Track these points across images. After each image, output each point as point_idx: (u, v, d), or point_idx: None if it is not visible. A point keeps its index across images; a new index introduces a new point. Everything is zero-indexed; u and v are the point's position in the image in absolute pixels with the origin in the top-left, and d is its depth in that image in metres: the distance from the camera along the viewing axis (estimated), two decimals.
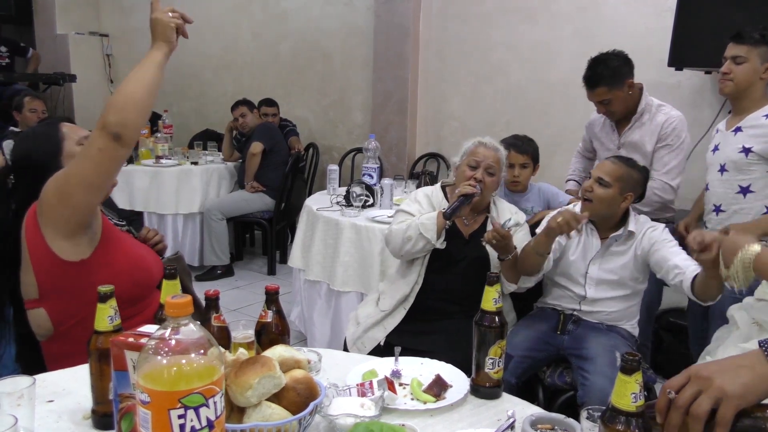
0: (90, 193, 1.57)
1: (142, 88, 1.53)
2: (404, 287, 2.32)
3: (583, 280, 2.28)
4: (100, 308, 1.22)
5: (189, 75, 6.21)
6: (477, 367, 1.42)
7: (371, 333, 2.32)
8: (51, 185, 1.58)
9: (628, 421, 0.97)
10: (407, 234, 2.23)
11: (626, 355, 0.97)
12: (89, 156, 1.52)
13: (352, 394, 1.35)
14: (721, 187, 2.49)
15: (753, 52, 2.38)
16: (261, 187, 4.79)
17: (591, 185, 2.21)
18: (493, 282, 1.41)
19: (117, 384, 1.13)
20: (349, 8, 5.24)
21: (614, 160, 2.27)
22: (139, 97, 1.52)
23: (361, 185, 3.37)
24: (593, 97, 2.79)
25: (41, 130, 1.81)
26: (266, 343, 1.40)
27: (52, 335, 1.67)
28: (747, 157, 2.38)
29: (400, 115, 4.92)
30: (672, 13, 3.43)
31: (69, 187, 1.55)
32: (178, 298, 0.86)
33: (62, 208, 1.57)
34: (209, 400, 0.85)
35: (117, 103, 1.50)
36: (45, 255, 1.60)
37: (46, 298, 1.63)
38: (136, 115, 1.52)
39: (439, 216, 2.22)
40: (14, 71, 6.39)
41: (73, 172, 1.55)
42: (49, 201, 1.58)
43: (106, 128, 1.49)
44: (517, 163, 2.76)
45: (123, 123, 1.49)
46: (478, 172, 2.27)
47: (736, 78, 2.40)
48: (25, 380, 1.16)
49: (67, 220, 1.59)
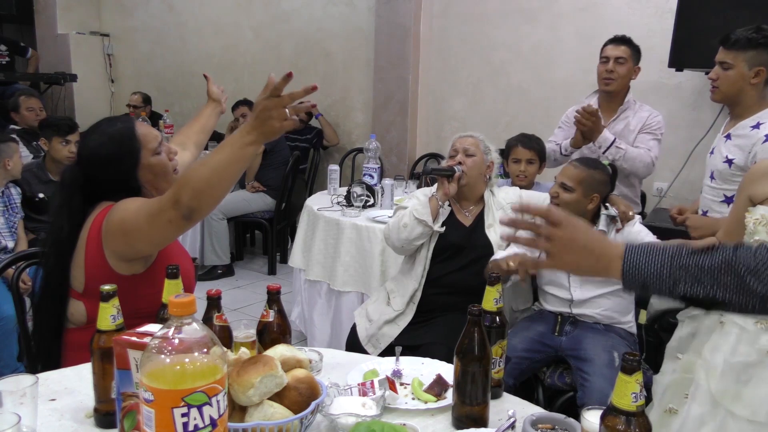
0: (152, 247, 1.61)
1: (222, 182, 1.45)
2: (412, 283, 2.35)
3: (567, 284, 2.30)
4: (102, 307, 1.22)
5: (190, 74, 6.21)
6: None
7: (385, 330, 2.34)
8: (120, 220, 1.56)
9: (628, 420, 0.97)
10: (402, 222, 2.30)
11: (627, 355, 0.97)
12: (159, 223, 1.49)
13: (354, 393, 1.35)
14: (709, 193, 2.42)
15: (739, 58, 2.25)
16: (261, 187, 4.79)
17: (556, 190, 2.26)
18: (493, 282, 1.42)
19: (119, 383, 1.13)
20: (351, 8, 5.25)
21: (576, 164, 2.29)
22: (217, 191, 1.46)
23: (362, 185, 3.37)
24: (613, 51, 2.97)
25: (117, 135, 1.67)
26: (268, 343, 1.41)
27: (81, 326, 1.67)
28: (730, 168, 2.30)
29: (401, 115, 4.92)
30: (673, 14, 3.44)
31: (135, 236, 1.55)
32: (182, 297, 0.87)
33: (123, 246, 1.59)
34: (212, 399, 0.86)
35: (195, 189, 1.43)
36: (100, 263, 1.61)
37: (89, 296, 1.63)
38: (210, 205, 1.50)
39: (432, 199, 2.31)
40: (15, 71, 6.39)
41: (141, 227, 1.53)
42: (114, 233, 1.58)
43: (178, 206, 1.44)
44: (523, 159, 2.85)
45: (197, 209, 1.46)
46: (457, 157, 2.38)
47: (721, 85, 2.30)
48: (27, 379, 1.17)
49: (127, 253, 1.61)
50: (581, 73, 3.99)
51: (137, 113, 5.22)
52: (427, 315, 2.33)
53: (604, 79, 2.99)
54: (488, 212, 2.41)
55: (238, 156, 1.42)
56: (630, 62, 2.97)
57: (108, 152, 1.65)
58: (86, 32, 6.87)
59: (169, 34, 6.54)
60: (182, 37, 6.44)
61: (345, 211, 3.22)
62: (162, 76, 6.57)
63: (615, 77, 2.95)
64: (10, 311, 2.34)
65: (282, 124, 1.38)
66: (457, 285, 2.31)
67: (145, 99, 5.70)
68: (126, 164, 1.67)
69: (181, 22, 6.43)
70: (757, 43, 2.22)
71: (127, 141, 1.67)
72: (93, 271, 1.62)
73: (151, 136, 1.72)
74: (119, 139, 1.67)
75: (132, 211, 1.56)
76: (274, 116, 1.37)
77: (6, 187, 3.13)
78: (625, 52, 2.95)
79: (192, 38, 6.35)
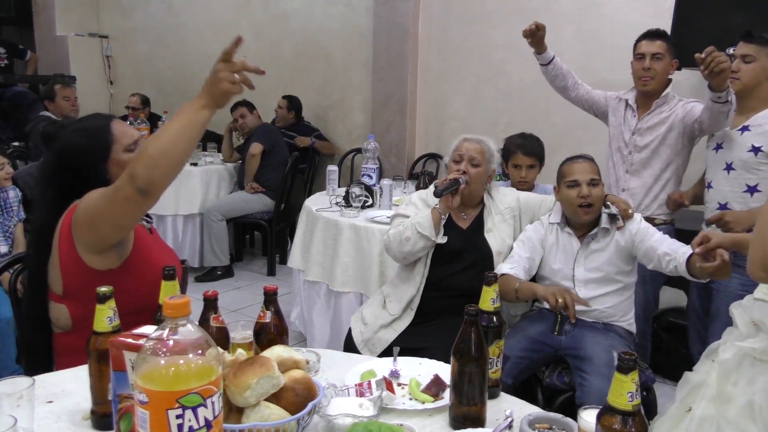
0: (116, 230, 1.59)
1: (177, 147, 1.46)
2: (410, 289, 2.34)
3: (571, 284, 2.29)
4: (99, 309, 1.22)
5: (189, 75, 6.21)
6: None
7: (381, 334, 2.33)
8: (84, 209, 1.58)
9: (624, 420, 0.97)
10: (405, 235, 2.27)
11: (623, 354, 0.97)
12: (116, 201, 1.50)
13: (351, 394, 1.35)
14: (727, 185, 2.49)
15: (762, 52, 2.38)
16: (261, 187, 4.79)
17: (587, 191, 2.23)
18: (490, 282, 1.42)
19: (116, 384, 1.13)
20: (349, 8, 5.25)
21: (585, 159, 2.32)
22: (172, 157, 1.46)
23: (361, 186, 3.37)
24: (649, 47, 2.73)
25: (92, 128, 1.72)
26: (265, 344, 1.41)
27: (68, 330, 1.68)
28: (756, 156, 2.40)
29: (400, 115, 4.92)
30: (671, 13, 3.44)
31: (97, 221, 1.55)
32: (176, 298, 0.87)
33: (90, 235, 1.59)
34: (207, 400, 0.86)
35: (149, 157, 1.45)
36: (73, 260, 1.61)
37: (70, 297, 1.65)
38: (166, 174, 1.48)
39: (434, 212, 2.27)
40: (13, 73, 6.40)
41: (102, 209, 1.54)
42: (80, 224, 1.58)
43: (134, 181, 1.44)
44: (524, 165, 2.84)
45: (151, 181, 1.45)
46: (461, 164, 2.34)
47: (743, 76, 2.42)
48: (24, 381, 1.16)
49: (95, 243, 1.61)
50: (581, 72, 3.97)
51: (136, 115, 5.22)
52: (426, 317, 2.32)
53: (641, 78, 2.76)
54: (487, 216, 2.41)
55: (192, 120, 1.46)
56: (668, 57, 2.73)
57: (79, 142, 1.69)
58: (85, 34, 6.88)
59: (168, 35, 6.54)
60: (181, 38, 6.44)
61: (344, 212, 3.22)
62: (161, 78, 6.57)
63: (653, 75, 2.73)
64: (8, 313, 2.35)
65: (230, 87, 1.44)
66: (456, 288, 2.29)
67: (144, 100, 5.70)
68: (95, 155, 1.68)
69: (180, 23, 6.44)
70: None
71: (99, 133, 1.70)
72: (68, 269, 1.62)
73: (128, 134, 1.74)
74: (92, 131, 1.71)
75: (94, 198, 1.57)
76: (222, 78, 1.44)
77: (2, 190, 3.13)
78: (662, 47, 2.72)
79: (191, 39, 6.35)
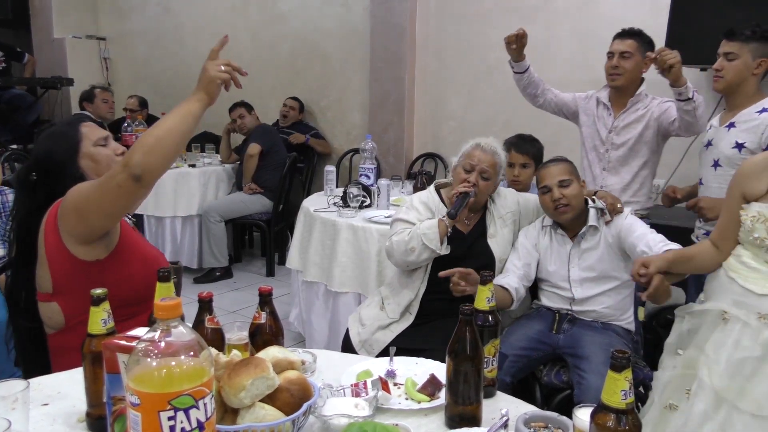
0: (106, 219, 1.61)
1: (172, 136, 1.53)
2: (409, 294, 2.34)
3: (568, 284, 2.30)
4: (93, 311, 1.22)
5: (187, 77, 6.19)
6: None
7: (378, 335, 2.32)
8: (72, 198, 1.60)
9: (618, 418, 0.97)
10: (410, 245, 2.23)
11: (616, 352, 0.97)
12: (108, 188, 1.53)
13: (346, 394, 1.35)
14: (715, 182, 2.50)
15: (744, 49, 2.38)
16: (259, 188, 4.78)
17: (558, 193, 2.23)
18: (486, 281, 1.42)
19: (110, 387, 1.13)
20: (346, 9, 5.25)
21: (554, 162, 2.32)
22: (167, 145, 1.52)
23: (358, 186, 3.37)
24: (618, 46, 2.83)
25: (60, 130, 1.80)
26: (260, 345, 1.40)
27: (61, 329, 1.68)
28: (740, 153, 2.40)
29: (398, 115, 4.92)
30: (667, 11, 3.44)
31: (87, 209, 1.57)
32: (168, 300, 0.87)
33: (79, 225, 1.60)
34: (199, 402, 0.86)
35: (144, 145, 1.50)
36: (61, 253, 1.63)
37: (60, 293, 1.66)
38: (160, 161, 1.52)
39: (440, 223, 2.23)
40: (11, 75, 6.39)
41: (92, 197, 1.56)
42: (68, 213, 1.60)
43: (128, 167, 1.48)
44: (517, 163, 2.82)
45: (146, 167, 1.49)
46: (472, 175, 2.29)
47: (727, 74, 2.42)
48: (19, 384, 1.17)
49: (83, 233, 1.62)
50: (578, 71, 3.99)
51: (134, 116, 5.22)
52: (425, 319, 2.31)
53: (609, 75, 2.88)
54: (490, 221, 2.40)
55: (186, 110, 1.57)
56: (637, 56, 2.81)
57: (48, 143, 1.76)
58: (83, 36, 6.87)
59: (166, 37, 6.54)
60: (179, 40, 6.44)
61: (341, 212, 3.22)
62: (159, 79, 6.57)
63: (620, 72, 2.83)
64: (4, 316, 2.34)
65: (217, 73, 1.59)
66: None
67: (141, 102, 5.70)
68: (64, 152, 1.73)
69: (178, 25, 6.43)
70: (760, 35, 2.38)
71: (67, 132, 1.78)
72: (56, 263, 1.63)
73: (96, 131, 1.80)
74: (61, 132, 1.78)
75: (84, 188, 1.60)
76: (208, 68, 1.60)
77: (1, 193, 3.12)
78: (631, 46, 2.81)
79: (189, 41, 6.35)
